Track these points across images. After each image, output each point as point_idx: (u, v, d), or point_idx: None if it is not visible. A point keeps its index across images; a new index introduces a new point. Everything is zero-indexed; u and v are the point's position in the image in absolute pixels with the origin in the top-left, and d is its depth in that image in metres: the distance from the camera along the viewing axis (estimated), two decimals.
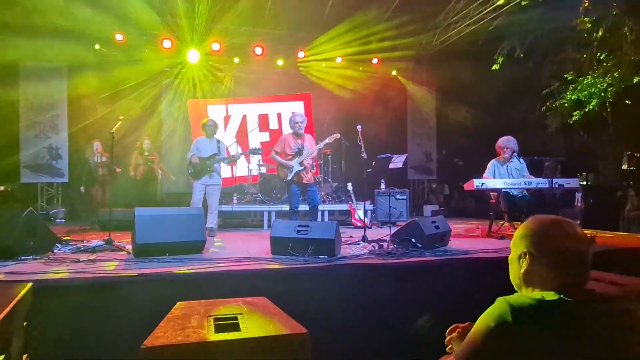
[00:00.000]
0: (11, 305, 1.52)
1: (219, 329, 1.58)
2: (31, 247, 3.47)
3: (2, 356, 1.36)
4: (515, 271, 1.22)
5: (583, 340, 0.97)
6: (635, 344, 1.00)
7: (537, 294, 1.09)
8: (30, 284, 1.89)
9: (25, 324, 1.76)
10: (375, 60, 10.13)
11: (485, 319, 1.05)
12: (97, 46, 8.53)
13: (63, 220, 7.87)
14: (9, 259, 3.27)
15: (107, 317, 2.58)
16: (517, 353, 0.97)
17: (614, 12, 7.49)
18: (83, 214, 7.91)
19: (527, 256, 1.17)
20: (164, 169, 7.78)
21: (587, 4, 8.23)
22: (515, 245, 1.23)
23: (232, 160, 6.17)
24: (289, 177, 5.14)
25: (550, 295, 1.05)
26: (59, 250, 3.83)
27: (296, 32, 9.42)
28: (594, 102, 7.79)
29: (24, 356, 1.75)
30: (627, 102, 7.99)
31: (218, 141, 5.72)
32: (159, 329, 1.56)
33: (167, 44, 8.55)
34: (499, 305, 1.04)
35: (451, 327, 1.41)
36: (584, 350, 0.96)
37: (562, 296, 1.04)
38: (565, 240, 1.13)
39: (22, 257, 3.34)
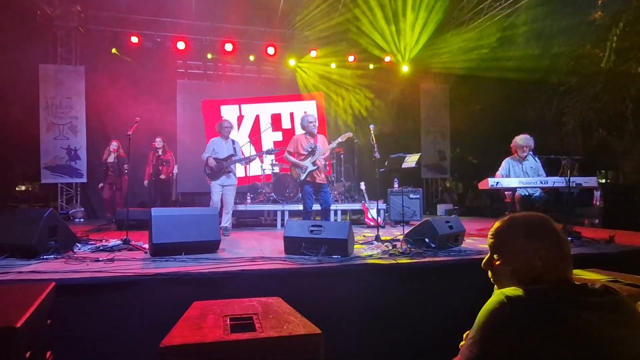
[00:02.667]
0: (36, 304, 1.58)
1: (234, 328, 1.61)
2: (53, 246, 3.57)
3: (29, 352, 1.42)
4: (503, 273, 1.22)
5: (577, 330, 0.99)
6: (624, 335, 1.00)
7: (531, 286, 1.10)
8: (53, 283, 1.95)
9: (49, 322, 1.82)
10: (388, 59, 10.08)
11: (484, 313, 1.07)
12: (113, 50, 8.71)
13: (82, 220, 8.06)
14: (32, 258, 3.38)
15: (126, 315, 2.65)
16: (517, 342, 0.99)
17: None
18: (99, 212, 8.12)
19: (529, 255, 1.17)
20: (172, 168, 7.81)
21: None
22: (505, 247, 1.23)
23: (248, 162, 6.22)
24: (302, 177, 5.17)
25: (543, 287, 1.09)
26: (79, 249, 3.93)
27: (307, 31, 9.44)
28: None
29: (48, 353, 1.82)
30: None
31: (233, 141, 5.79)
32: (176, 329, 1.60)
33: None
34: (497, 299, 1.06)
35: (469, 331, 1.42)
36: (576, 338, 0.98)
37: (554, 287, 1.08)
38: (560, 236, 1.18)
39: (44, 256, 3.45)
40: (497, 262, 1.26)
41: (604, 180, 12.76)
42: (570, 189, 4.58)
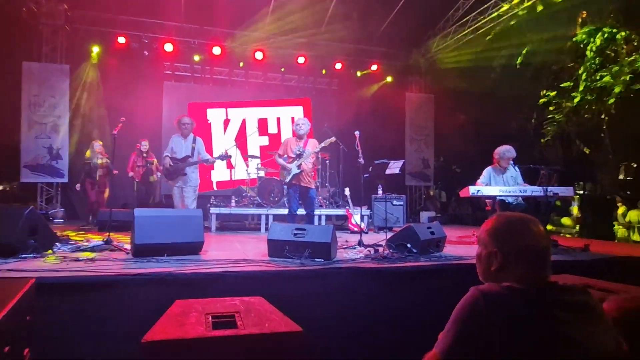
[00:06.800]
0: (16, 298, 1.57)
1: (216, 325, 1.63)
2: (32, 245, 3.50)
3: (8, 347, 1.41)
4: (485, 268, 1.28)
5: (547, 326, 1.04)
6: (592, 332, 1.07)
7: (505, 284, 1.16)
8: (33, 280, 1.93)
9: (28, 318, 1.80)
10: (374, 67, 10.24)
11: (460, 308, 1.12)
12: (96, 49, 8.63)
13: (62, 220, 7.90)
14: (10, 257, 3.30)
15: (106, 315, 2.62)
16: (491, 336, 1.04)
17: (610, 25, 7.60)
18: (80, 213, 7.98)
19: (499, 255, 1.23)
20: (160, 169, 7.72)
21: (584, 14, 8.38)
22: (484, 243, 1.30)
23: (207, 163, 5.79)
24: (287, 179, 5.23)
25: (517, 285, 1.14)
26: (59, 249, 3.86)
27: (296, 37, 9.52)
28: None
29: (26, 350, 1.80)
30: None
31: (194, 140, 5.55)
32: (158, 325, 1.61)
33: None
34: (472, 294, 1.12)
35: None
36: (548, 334, 1.03)
37: (527, 285, 1.13)
38: (534, 238, 1.22)
39: (23, 255, 3.38)
40: (498, 265, 1.30)
41: (582, 192, 13.13)
42: (548, 198, 4.73)
